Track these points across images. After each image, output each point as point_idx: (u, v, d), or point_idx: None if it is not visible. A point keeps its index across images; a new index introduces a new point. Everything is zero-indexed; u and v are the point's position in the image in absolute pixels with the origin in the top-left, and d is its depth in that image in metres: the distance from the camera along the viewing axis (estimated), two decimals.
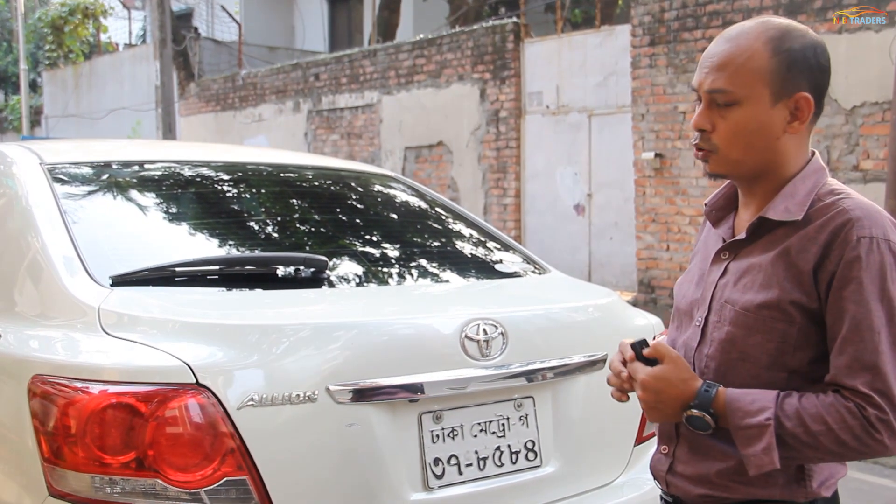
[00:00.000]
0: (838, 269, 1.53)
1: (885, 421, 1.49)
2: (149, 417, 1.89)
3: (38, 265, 2.35)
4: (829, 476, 1.65)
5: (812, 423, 1.51)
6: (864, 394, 1.50)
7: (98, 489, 1.90)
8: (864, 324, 1.51)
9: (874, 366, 1.50)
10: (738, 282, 1.66)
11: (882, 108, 7.37)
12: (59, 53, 23.04)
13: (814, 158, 1.69)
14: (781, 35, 1.62)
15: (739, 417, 1.55)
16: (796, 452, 1.54)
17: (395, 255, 3.05)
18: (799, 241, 1.58)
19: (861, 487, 5.20)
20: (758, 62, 1.61)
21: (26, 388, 2.00)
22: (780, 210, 1.63)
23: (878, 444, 1.50)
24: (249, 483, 1.95)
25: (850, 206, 1.57)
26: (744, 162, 1.66)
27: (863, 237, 1.53)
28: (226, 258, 2.57)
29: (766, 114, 1.62)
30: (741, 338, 1.63)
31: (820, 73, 1.63)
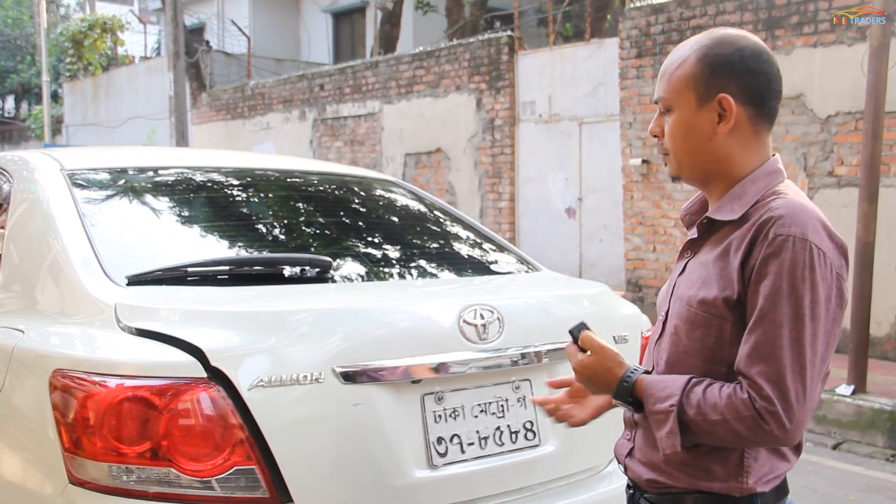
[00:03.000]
0: (757, 264, 1.53)
1: (773, 413, 1.48)
2: (163, 410, 1.90)
3: (59, 265, 2.35)
4: (767, 472, 1.64)
5: (710, 413, 1.52)
6: (757, 384, 1.50)
7: (115, 477, 1.90)
8: (768, 317, 1.50)
9: (771, 357, 1.50)
10: (689, 279, 1.67)
11: (855, 117, 7.37)
12: (79, 66, 23.02)
13: (769, 162, 1.67)
14: (712, 42, 1.64)
15: (651, 403, 1.59)
16: (698, 438, 1.56)
17: (396, 255, 3.05)
18: (737, 239, 1.58)
19: (834, 475, 5.21)
20: (685, 69, 1.64)
21: (47, 381, 2.01)
22: (725, 210, 1.63)
23: (767, 435, 1.50)
24: (258, 472, 1.95)
25: (777, 206, 1.56)
26: (688, 163, 1.68)
27: (780, 235, 1.52)
28: (235, 259, 2.57)
29: (694, 116, 1.64)
30: (686, 332, 1.63)
31: (750, 77, 1.62)
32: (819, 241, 1.53)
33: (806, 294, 1.50)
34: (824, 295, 1.52)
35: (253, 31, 20.45)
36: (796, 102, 7.86)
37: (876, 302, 6.29)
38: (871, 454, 5.62)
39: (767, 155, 1.68)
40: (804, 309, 1.50)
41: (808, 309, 1.50)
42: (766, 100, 1.64)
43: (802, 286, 1.50)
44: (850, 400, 5.98)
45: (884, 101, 6.05)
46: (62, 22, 27.30)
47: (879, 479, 5.18)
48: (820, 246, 1.52)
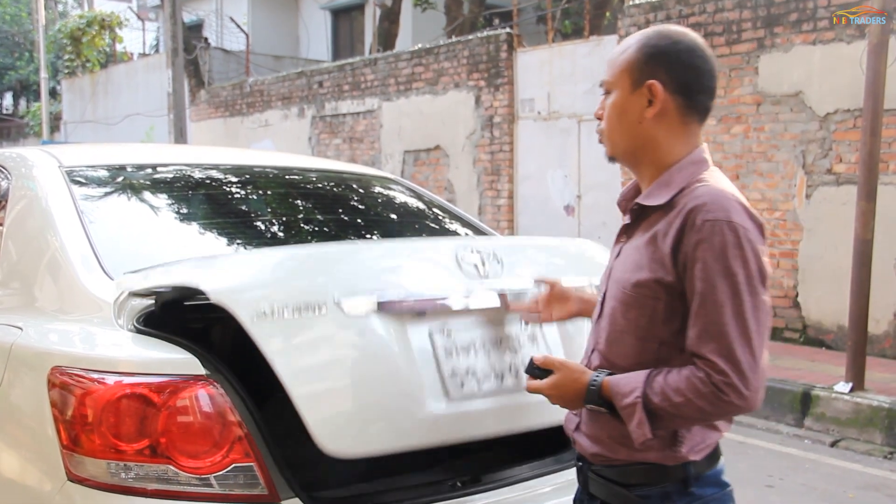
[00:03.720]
0: (689, 251, 1.64)
1: (730, 384, 1.60)
2: (161, 407, 1.89)
3: (57, 262, 2.35)
4: (699, 441, 1.75)
5: (674, 396, 1.63)
6: (710, 361, 1.61)
7: (114, 474, 1.90)
8: (709, 298, 1.62)
9: (719, 335, 1.61)
10: (623, 262, 1.79)
11: (854, 114, 7.38)
12: (78, 63, 22.99)
13: (695, 151, 1.78)
14: (653, 34, 1.77)
15: (619, 400, 1.70)
16: (668, 422, 1.67)
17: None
18: (664, 226, 1.70)
19: (832, 473, 5.22)
20: (626, 56, 1.78)
21: (46, 378, 2.01)
22: (653, 197, 1.75)
23: (729, 405, 1.61)
24: (256, 469, 1.95)
25: (701, 193, 1.67)
26: (619, 143, 1.81)
27: (706, 220, 1.63)
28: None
29: (627, 99, 1.77)
30: (622, 312, 1.75)
31: (681, 68, 1.73)
32: (742, 221, 1.65)
33: (739, 271, 1.62)
34: (755, 269, 1.64)
35: (251, 28, 20.43)
36: (795, 100, 7.86)
37: (874, 300, 6.30)
38: (869, 452, 5.63)
39: (695, 145, 1.79)
40: (740, 285, 1.62)
41: (743, 284, 1.62)
42: (695, 93, 1.75)
43: (735, 264, 1.62)
44: (848, 398, 5.99)
45: (882, 99, 6.05)
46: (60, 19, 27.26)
47: (877, 476, 5.19)
48: (744, 225, 1.64)
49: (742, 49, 8.26)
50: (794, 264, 7.94)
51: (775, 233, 8.06)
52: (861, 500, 4.76)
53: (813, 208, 7.77)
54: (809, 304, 7.85)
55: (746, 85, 8.23)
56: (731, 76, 8.35)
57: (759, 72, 8.12)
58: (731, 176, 8.37)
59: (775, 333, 8.04)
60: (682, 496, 1.75)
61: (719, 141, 8.49)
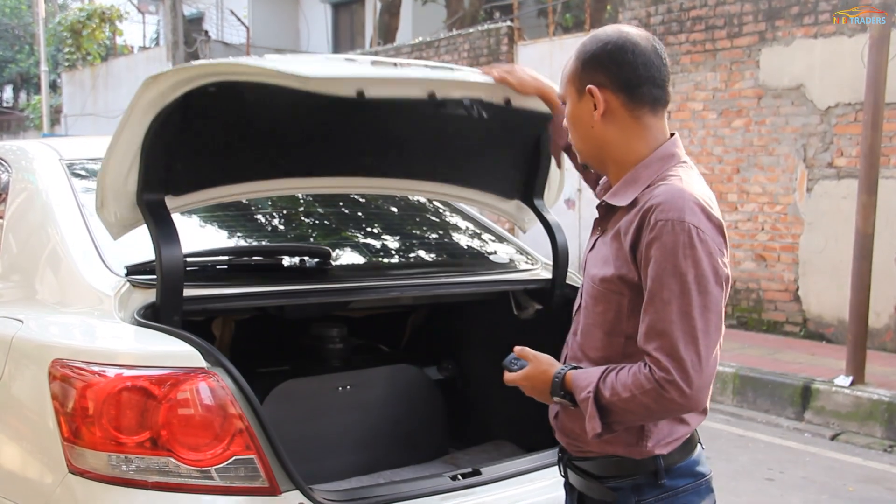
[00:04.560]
0: (643, 249, 1.68)
1: (671, 382, 1.61)
2: (162, 400, 1.90)
3: (58, 255, 2.35)
4: (666, 435, 1.78)
5: (622, 391, 1.66)
6: (655, 358, 1.63)
7: (114, 467, 1.90)
8: (657, 296, 1.64)
9: (663, 332, 1.63)
10: (595, 258, 1.84)
11: (855, 108, 7.37)
12: (78, 56, 22.95)
13: (663, 146, 1.79)
14: (587, 41, 1.82)
15: (577, 393, 1.74)
16: (620, 416, 1.70)
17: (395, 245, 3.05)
18: (626, 224, 1.73)
19: (832, 466, 5.22)
20: (569, 67, 1.83)
21: (47, 371, 2.01)
22: (619, 196, 1.78)
23: (671, 403, 1.63)
24: (257, 461, 1.95)
25: (659, 192, 1.69)
26: (581, 149, 1.86)
27: (659, 220, 1.65)
28: (234, 248, 2.57)
29: (576, 107, 1.82)
30: (591, 307, 1.81)
31: (615, 67, 1.75)
32: (697, 221, 1.65)
33: (689, 270, 1.63)
34: (708, 269, 1.64)
35: (252, 21, 20.39)
36: (796, 93, 7.85)
37: (875, 293, 6.29)
38: (869, 445, 5.63)
39: (659, 139, 1.80)
40: (689, 284, 1.63)
41: (692, 284, 1.63)
42: (636, 86, 1.76)
43: (685, 263, 1.63)
44: (848, 391, 5.99)
45: (884, 93, 6.04)
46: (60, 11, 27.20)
47: (877, 469, 5.20)
48: (698, 225, 1.65)
49: (743, 42, 8.25)
50: (794, 258, 7.93)
51: (776, 227, 8.06)
52: (861, 493, 4.76)
53: (814, 202, 7.76)
54: (810, 298, 7.85)
55: (748, 78, 8.22)
56: (733, 69, 8.34)
57: (761, 65, 8.11)
58: (732, 169, 8.37)
59: (775, 327, 8.05)
60: (654, 488, 1.78)
61: (720, 135, 8.48)
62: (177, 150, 2.12)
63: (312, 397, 2.78)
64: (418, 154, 2.54)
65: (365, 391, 2.88)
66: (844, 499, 4.67)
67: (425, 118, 2.31)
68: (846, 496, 4.71)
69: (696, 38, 8.63)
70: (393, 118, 2.32)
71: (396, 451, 2.88)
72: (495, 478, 2.30)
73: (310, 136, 2.34)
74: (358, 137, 2.39)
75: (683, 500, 1.80)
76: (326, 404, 2.79)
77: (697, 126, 8.66)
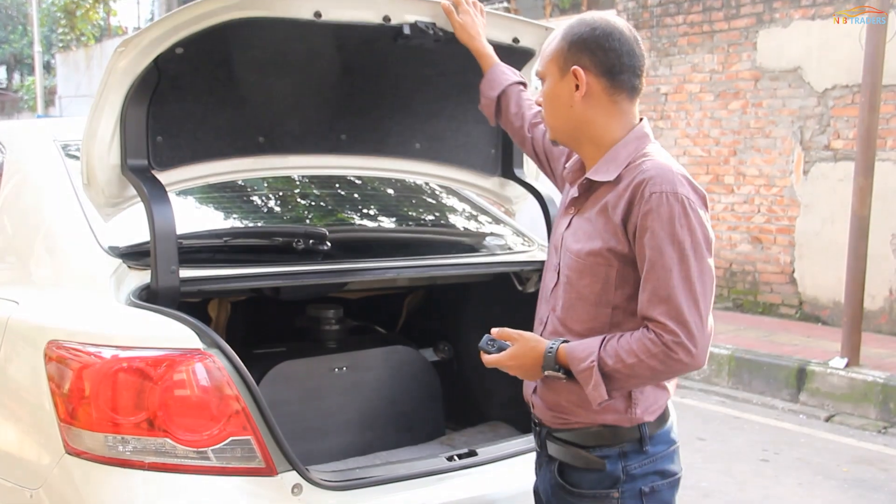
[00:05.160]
0: (638, 221, 1.76)
1: (679, 343, 1.71)
2: (158, 381, 1.90)
3: (53, 237, 2.35)
4: (652, 403, 1.88)
5: (627, 357, 1.75)
6: (661, 322, 1.72)
7: (111, 447, 1.91)
8: (658, 264, 1.74)
9: (668, 297, 1.73)
10: (575, 233, 1.90)
11: (852, 90, 7.35)
12: (72, 36, 22.84)
13: (637, 127, 1.89)
14: (575, 23, 1.88)
15: (575, 365, 1.80)
16: (623, 383, 1.78)
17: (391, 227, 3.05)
18: (613, 198, 1.81)
19: (826, 447, 5.25)
20: (553, 46, 1.90)
21: (43, 353, 2.01)
22: (601, 172, 1.86)
23: (678, 363, 1.73)
24: (254, 442, 1.96)
25: (648, 167, 1.79)
26: (557, 127, 1.94)
27: (654, 192, 1.74)
28: (229, 231, 2.57)
29: (557, 85, 1.89)
30: (576, 280, 1.87)
31: (601, 53, 1.83)
32: (687, 192, 1.76)
33: (686, 238, 1.74)
34: (701, 237, 1.76)
35: None
36: (793, 75, 7.84)
37: (870, 275, 6.30)
38: (863, 426, 5.66)
39: (632, 122, 1.90)
40: (686, 251, 1.73)
41: (690, 251, 1.74)
42: (618, 73, 1.85)
43: (682, 232, 1.73)
44: (843, 373, 6.02)
45: (881, 75, 6.03)
46: None
47: (871, 450, 5.22)
48: (689, 197, 1.76)
49: (741, 24, 8.22)
50: (790, 240, 7.94)
51: (772, 209, 8.07)
52: (855, 473, 4.79)
53: (810, 184, 7.76)
54: (806, 280, 7.86)
55: (745, 60, 8.19)
56: (730, 52, 8.31)
57: (758, 47, 8.09)
58: (729, 152, 8.36)
59: (771, 309, 8.07)
60: (638, 454, 1.88)
61: (717, 117, 8.46)
62: (156, 121, 2.15)
63: (309, 378, 2.79)
64: (392, 126, 2.56)
65: (361, 372, 2.89)
66: (839, 479, 4.69)
67: (397, 78, 2.42)
68: (840, 477, 4.74)
69: (693, 19, 8.60)
70: (361, 79, 2.41)
71: (393, 432, 2.89)
72: (491, 458, 2.31)
73: (282, 105, 2.39)
74: (330, 106, 2.44)
75: (661, 465, 1.91)
76: (323, 385, 2.80)
77: (694, 108, 8.64)
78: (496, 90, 2.32)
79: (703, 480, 4.55)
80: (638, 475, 1.88)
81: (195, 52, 2.09)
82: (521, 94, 2.33)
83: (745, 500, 4.38)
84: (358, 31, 2.22)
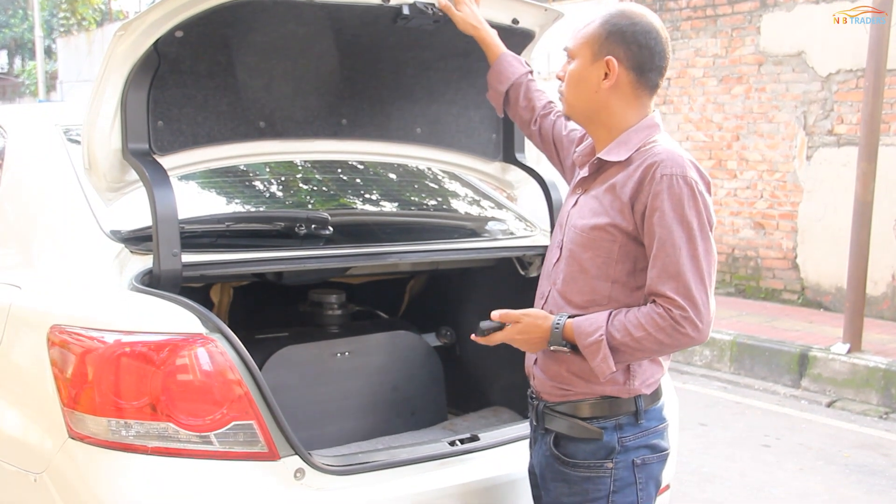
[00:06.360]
0: (648, 201, 1.85)
1: (687, 318, 1.81)
2: (160, 365, 1.90)
3: (55, 221, 2.35)
4: (649, 377, 1.98)
5: (635, 331, 1.84)
6: (670, 297, 1.81)
7: (114, 432, 1.91)
8: (668, 242, 1.82)
9: (677, 274, 1.82)
10: (581, 210, 1.99)
11: (856, 75, 7.32)
12: (73, 21, 22.78)
13: (648, 117, 1.97)
14: (616, 13, 1.94)
15: (582, 339, 1.88)
16: (628, 356, 1.88)
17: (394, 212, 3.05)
18: (623, 178, 1.90)
19: (828, 432, 5.26)
20: (590, 29, 1.96)
21: (45, 337, 2.01)
22: (613, 152, 1.94)
23: (685, 337, 1.82)
24: (256, 427, 1.96)
25: (659, 151, 1.88)
26: (574, 105, 2.01)
27: (665, 174, 1.83)
28: (231, 215, 2.56)
29: (587, 69, 1.96)
30: (578, 253, 1.96)
31: (636, 48, 1.91)
32: (694, 176, 1.85)
33: (693, 219, 1.83)
34: (706, 219, 1.85)
35: None
36: (797, 60, 7.80)
37: (873, 261, 6.30)
38: (864, 412, 5.67)
39: (646, 113, 1.98)
40: (694, 232, 1.83)
41: (697, 231, 1.83)
42: (647, 70, 1.94)
43: (690, 213, 1.83)
44: (845, 358, 6.02)
45: (885, 59, 6.01)
46: None
47: (873, 436, 5.24)
48: (696, 180, 1.85)
49: (744, 8, 8.18)
50: (793, 226, 7.93)
51: (775, 194, 8.05)
52: (856, 459, 4.80)
53: (813, 169, 7.75)
54: (808, 266, 7.86)
55: (748, 45, 8.16)
56: (733, 36, 8.28)
57: (762, 31, 8.05)
58: (732, 137, 8.34)
59: (773, 295, 8.06)
60: (633, 427, 1.97)
61: (720, 101, 8.44)
62: (156, 106, 2.14)
63: (311, 363, 2.79)
64: (393, 111, 2.56)
65: (364, 357, 2.89)
66: (840, 465, 4.71)
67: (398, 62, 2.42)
68: (842, 462, 4.75)
69: (696, 3, 8.56)
70: (362, 63, 2.42)
71: (395, 417, 2.90)
72: (493, 443, 2.32)
73: (283, 89, 2.38)
74: (330, 91, 2.43)
75: (653, 439, 2.00)
76: (325, 370, 2.81)
77: (697, 93, 8.61)
78: (505, 84, 2.34)
79: (704, 466, 4.56)
80: (631, 447, 1.96)
81: (195, 35, 2.08)
82: (530, 86, 2.35)
83: (747, 486, 4.39)
84: (358, 12, 2.21)
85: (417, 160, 2.83)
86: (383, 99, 2.54)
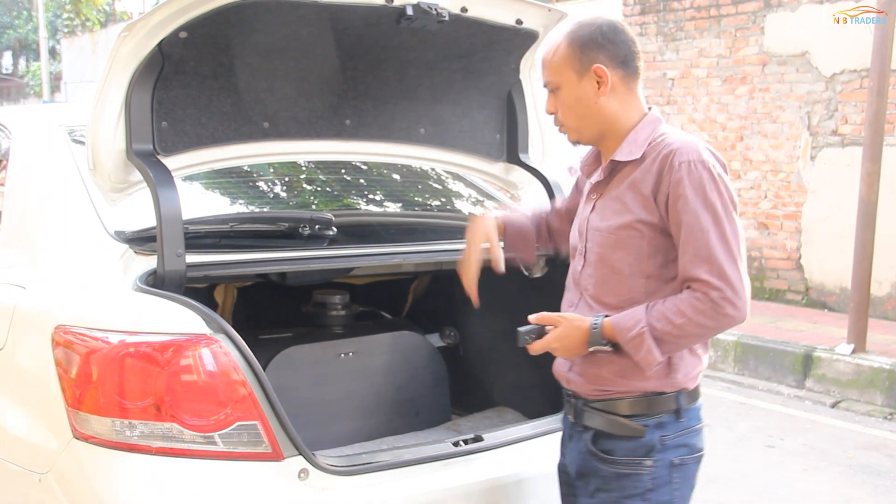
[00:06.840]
0: (670, 190, 1.87)
1: (725, 298, 1.82)
2: (164, 366, 1.90)
3: (59, 222, 2.35)
4: (691, 369, 1.99)
5: (676, 318, 1.84)
6: (705, 280, 1.83)
7: (118, 432, 1.91)
8: (695, 227, 1.84)
9: (709, 257, 1.83)
10: (601, 213, 2.00)
11: (860, 75, 7.31)
12: (77, 21, 22.81)
13: (650, 113, 2.00)
14: (575, 27, 1.98)
15: (623, 335, 1.89)
16: (673, 345, 1.88)
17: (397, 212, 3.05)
18: (640, 174, 1.92)
19: (832, 433, 5.25)
20: (560, 53, 1.98)
21: (50, 338, 2.02)
22: (625, 152, 1.96)
23: (726, 318, 1.84)
24: (260, 427, 1.96)
25: (672, 140, 1.91)
26: (581, 128, 2.01)
27: (683, 162, 1.86)
28: (234, 216, 2.57)
29: (578, 88, 1.97)
30: (608, 255, 1.96)
31: (612, 46, 1.95)
32: (711, 160, 1.89)
33: (717, 201, 1.85)
34: (728, 198, 1.88)
35: None
36: (801, 60, 7.79)
37: (877, 262, 6.29)
38: (869, 412, 5.66)
39: (642, 106, 2.01)
40: (720, 213, 1.85)
41: (722, 212, 1.86)
42: (630, 61, 1.98)
43: (712, 196, 1.85)
44: (849, 359, 6.01)
45: (890, 59, 5.99)
46: None
47: (877, 436, 5.23)
48: (713, 163, 1.88)
49: (748, 8, 8.17)
50: (797, 226, 7.92)
51: (779, 194, 8.04)
52: (861, 459, 4.79)
53: (817, 170, 7.73)
54: (812, 266, 7.85)
55: (752, 45, 8.15)
56: (737, 36, 8.27)
57: (766, 31, 8.04)
58: (736, 137, 8.33)
59: (777, 295, 8.05)
60: (674, 424, 1.98)
61: (724, 102, 8.43)
62: (160, 106, 2.15)
63: (315, 364, 2.79)
64: (396, 111, 2.56)
65: (367, 358, 2.89)
66: (844, 465, 4.70)
67: (401, 63, 2.43)
68: (846, 463, 4.74)
69: (700, 3, 8.55)
70: (366, 64, 2.42)
71: (399, 418, 2.90)
72: (497, 444, 2.31)
73: (286, 90, 2.39)
74: (334, 91, 2.44)
75: (691, 438, 2.02)
76: (329, 371, 2.81)
77: (701, 93, 8.61)
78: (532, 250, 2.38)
79: (708, 466, 4.51)
80: (670, 446, 1.97)
81: (199, 36, 2.09)
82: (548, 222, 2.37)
83: (751, 486, 4.38)
84: (361, 13, 2.21)
85: (421, 161, 2.83)
86: (387, 99, 2.54)
